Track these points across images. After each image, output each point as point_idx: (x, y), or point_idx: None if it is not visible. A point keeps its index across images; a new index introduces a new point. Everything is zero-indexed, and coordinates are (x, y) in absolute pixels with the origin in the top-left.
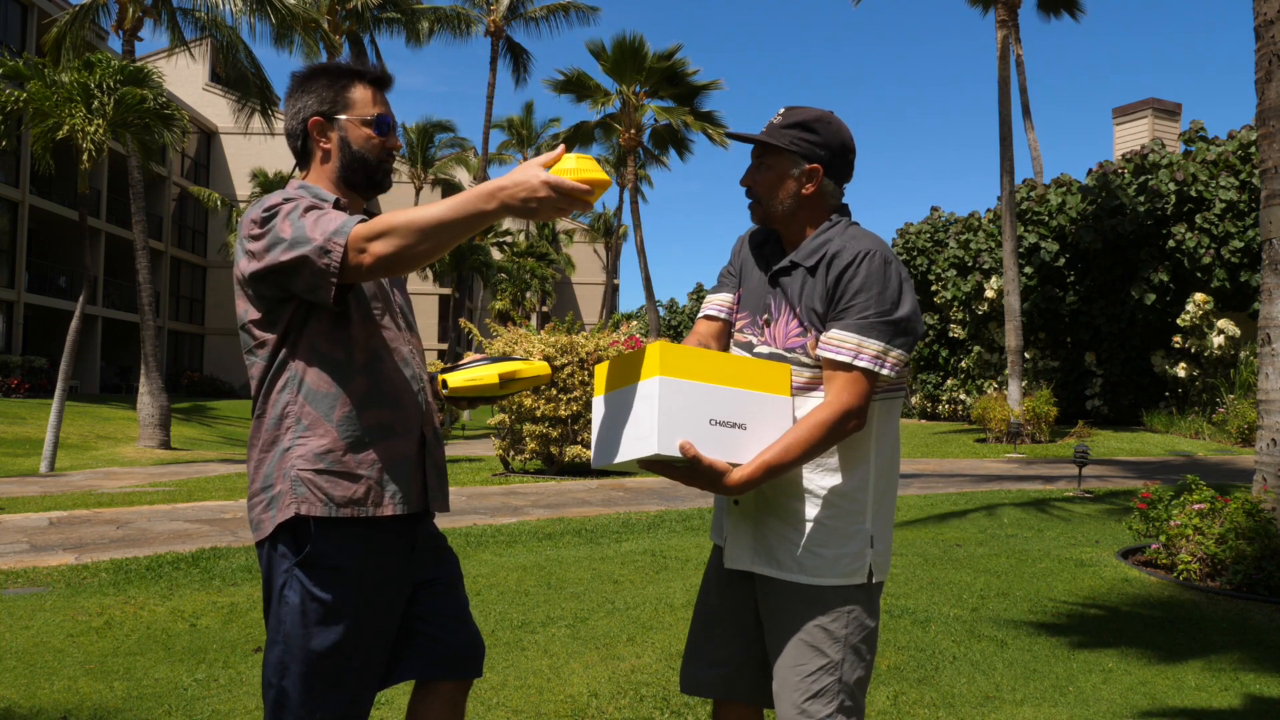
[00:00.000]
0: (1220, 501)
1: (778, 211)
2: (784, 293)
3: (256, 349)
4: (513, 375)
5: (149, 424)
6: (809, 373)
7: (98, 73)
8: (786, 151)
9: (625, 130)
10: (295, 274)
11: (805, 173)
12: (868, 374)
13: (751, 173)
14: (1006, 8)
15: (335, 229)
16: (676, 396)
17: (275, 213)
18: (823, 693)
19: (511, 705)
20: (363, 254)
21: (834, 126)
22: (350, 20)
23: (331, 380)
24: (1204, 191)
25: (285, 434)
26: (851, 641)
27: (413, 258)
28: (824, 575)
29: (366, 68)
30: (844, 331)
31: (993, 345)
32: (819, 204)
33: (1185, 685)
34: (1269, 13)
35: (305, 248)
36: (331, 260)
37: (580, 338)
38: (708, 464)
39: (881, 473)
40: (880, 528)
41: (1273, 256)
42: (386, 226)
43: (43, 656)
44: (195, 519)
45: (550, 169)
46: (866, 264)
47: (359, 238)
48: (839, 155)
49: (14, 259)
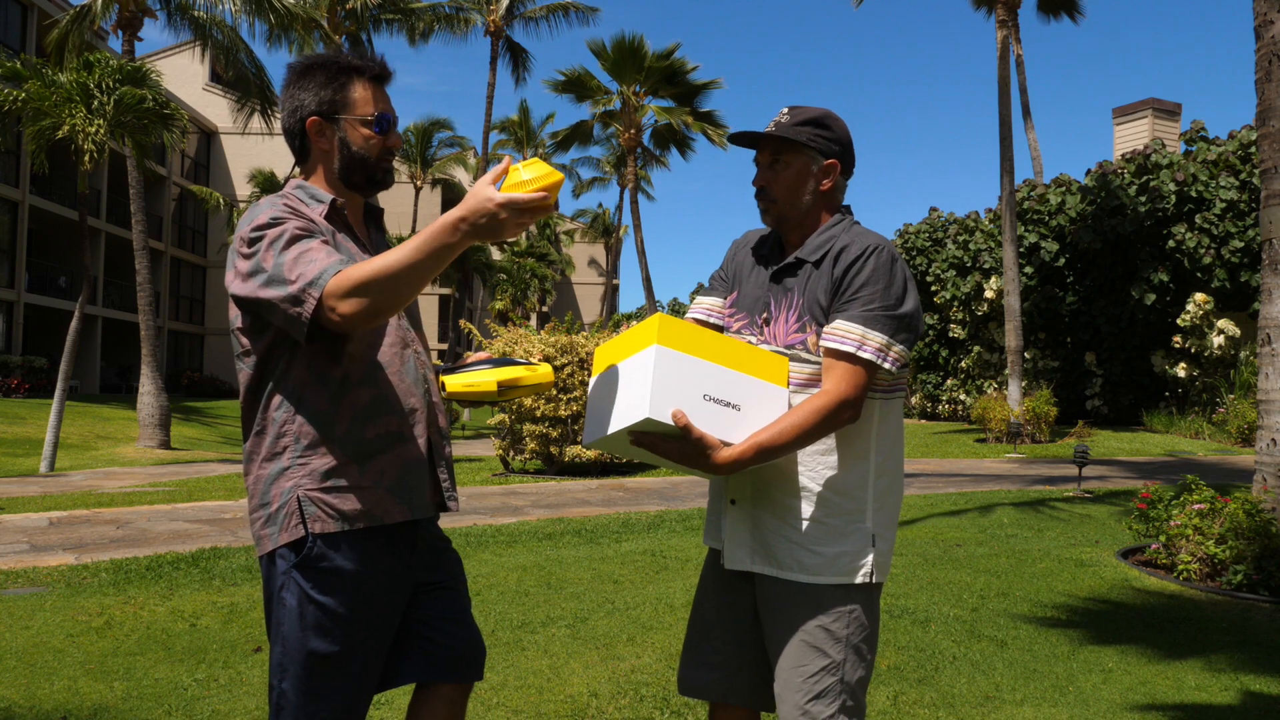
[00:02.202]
0: (1220, 501)
1: (795, 211)
2: (787, 291)
3: (244, 356)
4: (513, 383)
5: (149, 424)
6: (809, 369)
7: (97, 73)
8: (806, 148)
9: (625, 130)
10: (272, 310)
11: (824, 168)
12: (869, 366)
13: (765, 173)
14: (1006, 8)
15: (311, 278)
16: (672, 367)
17: (262, 236)
18: (825, 693)
19: (511, 705)
20: (333, 312)
21: (840, 123)
22: (349, 20)
23: (330, 397)
24: (1204, 191)
25: (284, 453)
26: (853, 641)
27: (386, 308)
28: (823, 574)
29: (365, 62)
30: (849, 322)
31: (993, 345)
32: (831, 200)
33: (1185, 685)
34: (1269, 13)
35: (280, 290)
36: (304, 311)
37: (580, 338)
38: (698, 435)
39: (882, 471)
40: (882, 527)
41: (1273, 256)
42: (356, 283)
43: (43, 656)
44: (195, 519)
45: (501, 184)
46: (874, 258)
47: (331, 295)
48: (848, 150)
49: (14, 259)
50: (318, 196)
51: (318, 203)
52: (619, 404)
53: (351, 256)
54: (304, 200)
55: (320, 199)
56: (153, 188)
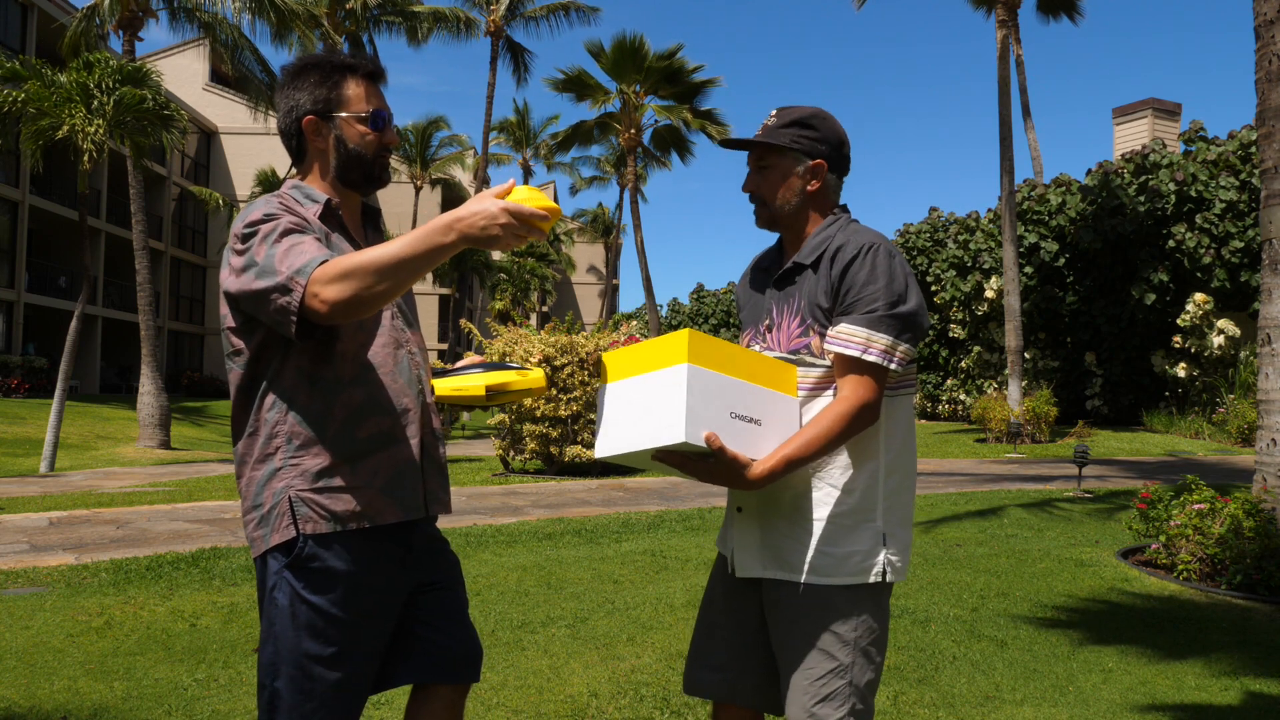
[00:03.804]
0: (1220, 501)
1: (784, 212)
2: (788, 297)
3: (234, 356)
4: (502, 387)
5: (149, 424)
6: (815, 374)
7: (97, 73)
8: (789, 150)
9: (625, 130)
10: (263, 303)
11: (809, 169)
12: (876, 369)
13: (753, 177)
14: (1006, 9)
15: (299, 267)
16: (703, 385)
17: (255, 231)
18: (833, 696)
19: (511, 705)
20: (317, 299)
21: (829, 122)
22: (350, 21)
23: (322, 397)
24: (1204, 191)
25: (276, 454)
26: (861, 644)
27: (371, 299)
28: (834, 574)
29: (359, 61)
30: (852, 325)
31: (993, 345)
32: (823, 200)
33: (1185, 685)
34: (1269, 13)
35: (269, 280)
36: (291, 300)
37: (580, 338)
38: (731, 456)
39: (892, 469)
40: (894, 526)
41: (1273, 256)
42: (342, 271)
43: (43, 656)
44: (195, 519)
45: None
46: (872, 257)
47: (316, 282)
48: (837, 149)
49: (14, 259)
50: (313, 196)
51: (313, 202)
52: (644, 420)
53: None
54: (299, 200)
55: (315, 199)
56: (153, 188)
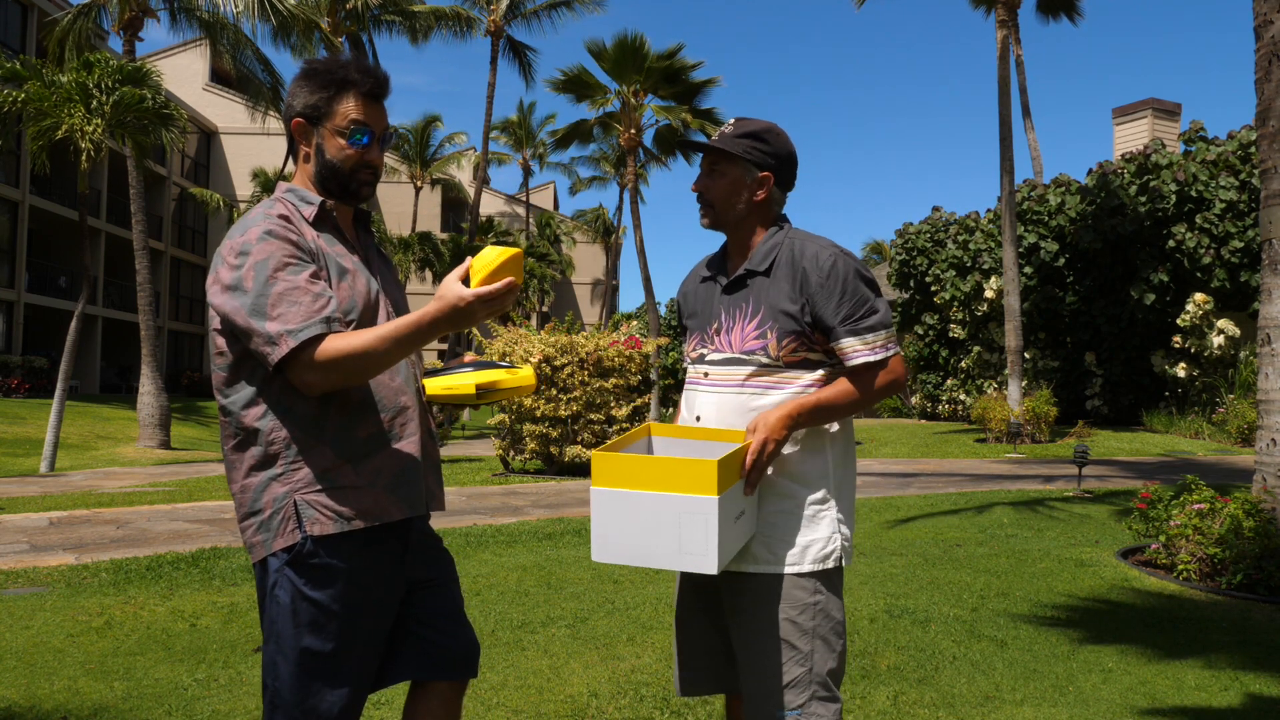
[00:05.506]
0: (1220, 501)
1: (729, 217)
2: (739, 303)
3: (218, 356)
4: (492, 386)
5: (149, 424)
6: (770, 374)
7: (96, 72)
8: (740, 159)
9: (625, 130)
10: (245, 336)
11: (758, 180)
12: (892, 356)
13: (704, 179)
14: (1006, 8)
15: (292, 328)
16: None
17: (249, 251)
18: (794, 683)
19: (511, 705)
20: (298, 374)
21: (782, 138)
22: (350, 20)
23: (317, 401)
24: (1204, 191)
25: (275, 460)
26: (820, 633)
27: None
28: (798, 563)
29: (362, 77)
30: (856, 338)
31: (993, 345)
32: (767, 211)
33: (1185, 685)
34: (1269, 13)
35: (258, 323)
36: (274, 354)
37: (580, 338)
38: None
39: (839, 457)
40: (845, 513)
41: (1273, 256)
42: (330, 359)
43: (43, 656)
44: (195, 519)
45: (469, 279)
46: (843, 267)
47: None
48: (785, 164)
49: (14, 259)
50: (307, 199)
51: (308, 204)
52: (661, 539)
53: (338, 259)
54: (295, 204)
55: (310, 201)
56: (153, 188)
